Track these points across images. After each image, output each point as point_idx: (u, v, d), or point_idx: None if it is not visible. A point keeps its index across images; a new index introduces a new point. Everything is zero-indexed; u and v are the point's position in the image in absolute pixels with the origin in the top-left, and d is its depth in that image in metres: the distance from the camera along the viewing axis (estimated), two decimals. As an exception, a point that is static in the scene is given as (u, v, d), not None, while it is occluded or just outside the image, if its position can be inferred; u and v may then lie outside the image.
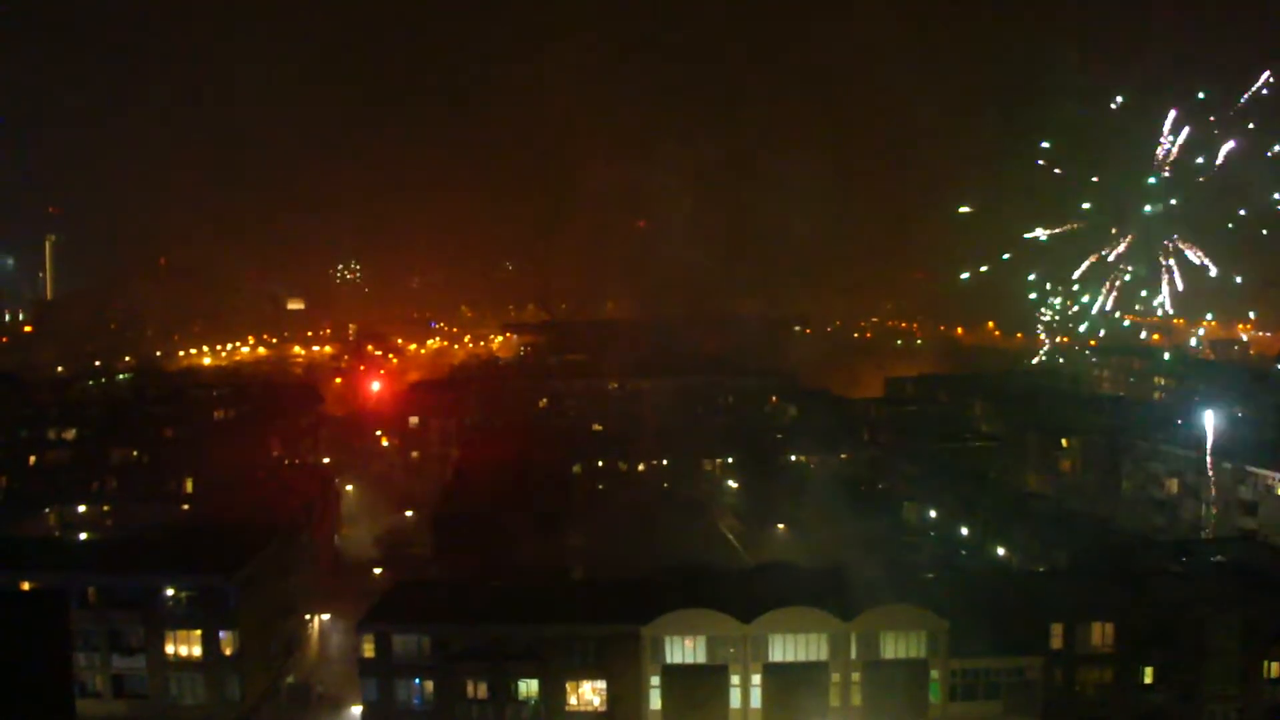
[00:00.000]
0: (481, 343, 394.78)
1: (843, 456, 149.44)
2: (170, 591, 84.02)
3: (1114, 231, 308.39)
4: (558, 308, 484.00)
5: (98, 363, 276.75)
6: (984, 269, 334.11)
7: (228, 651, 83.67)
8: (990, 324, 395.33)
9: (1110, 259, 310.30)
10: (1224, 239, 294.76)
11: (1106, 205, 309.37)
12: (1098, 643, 77.20)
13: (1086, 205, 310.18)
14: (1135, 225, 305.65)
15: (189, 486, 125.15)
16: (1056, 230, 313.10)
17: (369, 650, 76.89)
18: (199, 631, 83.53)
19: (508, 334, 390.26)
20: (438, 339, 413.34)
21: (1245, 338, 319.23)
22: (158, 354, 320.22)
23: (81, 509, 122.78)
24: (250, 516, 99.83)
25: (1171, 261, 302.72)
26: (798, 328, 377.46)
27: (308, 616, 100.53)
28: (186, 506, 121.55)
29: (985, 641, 76.07)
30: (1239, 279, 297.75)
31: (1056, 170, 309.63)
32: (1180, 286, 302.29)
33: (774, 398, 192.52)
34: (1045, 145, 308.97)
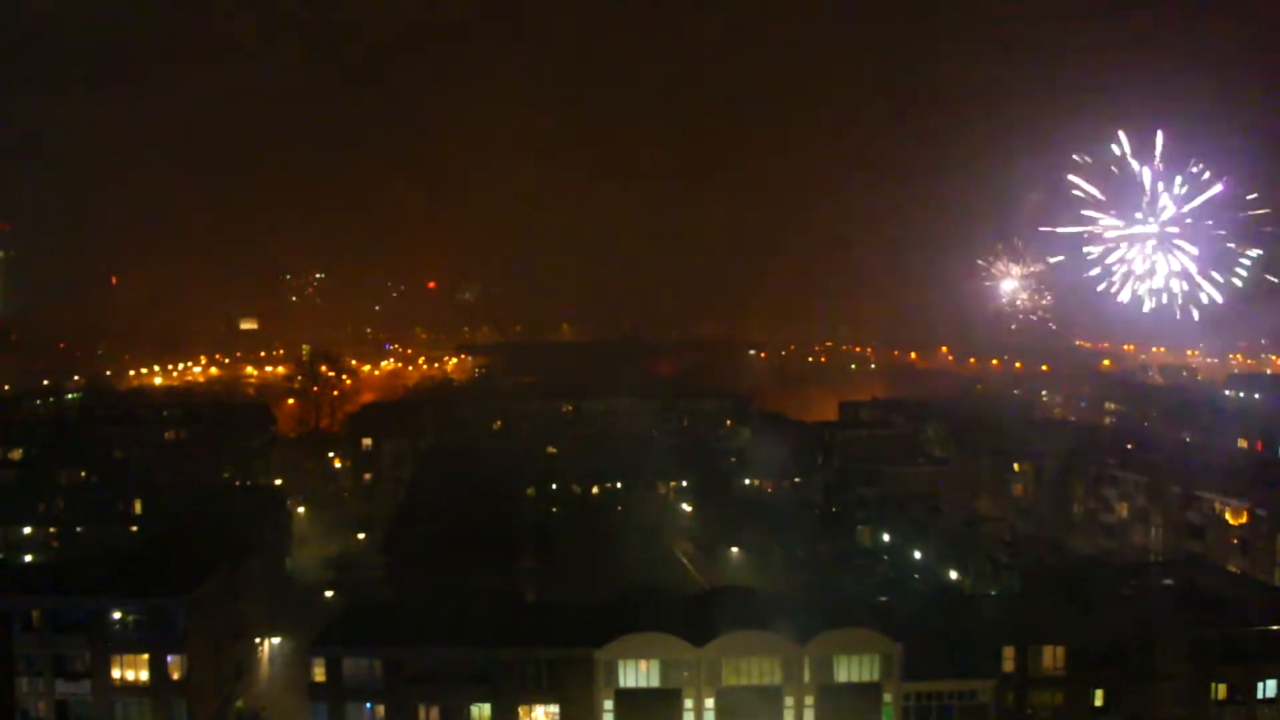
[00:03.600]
0: (436, 364, 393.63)
1: (796, 480, 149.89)
2: (118, 614, 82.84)
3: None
4: (512, 330, 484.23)
5: (46, 381, 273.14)
6: None
7: (176, 676, 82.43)
8: (944, 349, 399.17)
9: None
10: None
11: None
12: (1049, 665, 77.77)
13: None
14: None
15: (138, 508, 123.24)
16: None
17: (319, 674, 75.99)
18: (146, 656, 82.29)
19: (462, 355, 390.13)
20: (392, 360, 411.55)
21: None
22: (108, 373, 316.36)
23: (27, 530, 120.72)
24: (200, 538, 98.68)
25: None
26: (752, 351, 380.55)
27: (257, 640, 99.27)
28: (135, 528, 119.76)
29: (938, 664, 76.36)
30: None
31: None
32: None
33: (728, 421, 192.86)
34: None
